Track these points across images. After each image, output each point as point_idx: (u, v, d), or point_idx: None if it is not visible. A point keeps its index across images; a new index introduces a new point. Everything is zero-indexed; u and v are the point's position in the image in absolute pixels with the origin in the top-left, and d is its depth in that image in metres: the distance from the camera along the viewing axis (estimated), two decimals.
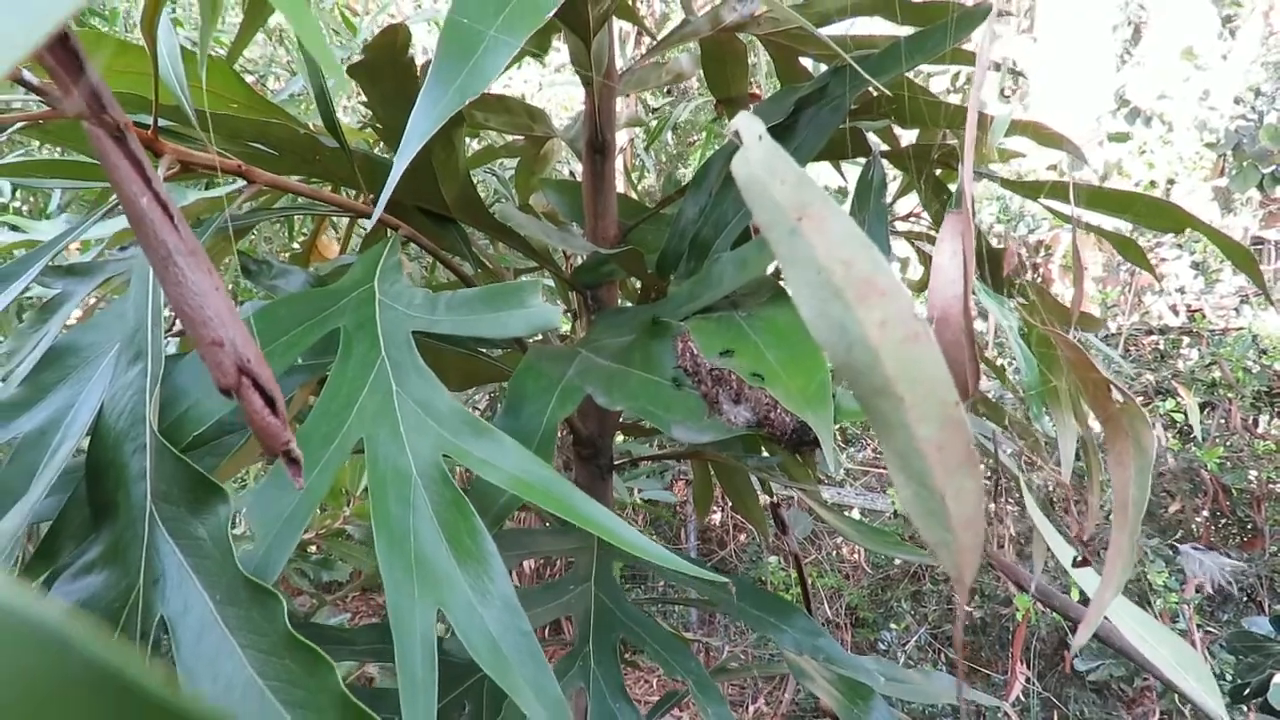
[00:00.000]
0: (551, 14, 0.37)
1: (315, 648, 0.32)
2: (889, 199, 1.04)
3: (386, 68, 0.61)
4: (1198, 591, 2.35)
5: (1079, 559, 0.49)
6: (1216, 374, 2.79)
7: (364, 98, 0.71)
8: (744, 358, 0.50)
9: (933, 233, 1.03)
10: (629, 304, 0.97)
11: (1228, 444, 2.69)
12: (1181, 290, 3.06)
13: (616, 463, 0.95)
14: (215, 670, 0.33)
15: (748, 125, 0.29)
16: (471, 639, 0.40)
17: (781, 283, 0.58)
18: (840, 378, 0.28)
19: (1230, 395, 2.75)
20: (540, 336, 0.85)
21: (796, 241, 0.27)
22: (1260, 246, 3.34)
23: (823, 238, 0.27)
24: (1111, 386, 0.44)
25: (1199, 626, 2.29)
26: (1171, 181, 3.28)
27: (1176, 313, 3.05)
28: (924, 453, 0.28)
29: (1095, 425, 0.51)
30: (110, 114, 0.29)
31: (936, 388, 0.27)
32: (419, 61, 0.64)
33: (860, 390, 0.28)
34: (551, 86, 2.95)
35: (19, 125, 0.44)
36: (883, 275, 0.27)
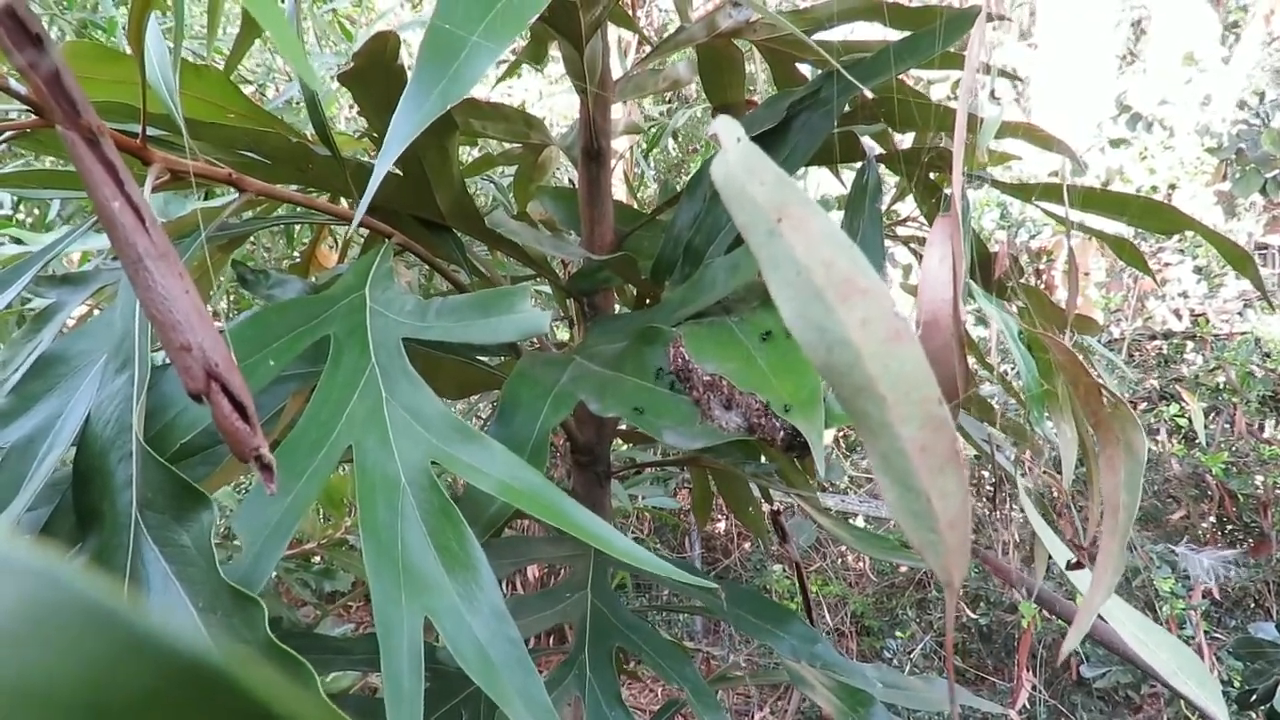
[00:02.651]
0: (535, 19, 0.36)
1: (297, 656, 0.32)
2: (886, 203, 1.03)
3: (377, 75, 0.61)
4: (1205, 597, 2.34)
5: (1073, 561, 0.49)
6: (1221, 378, 2.78)
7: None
8: (735, 362, 0.50)
9: None
10: (626, 310, 0.97)
11: (1233, 449, 2.67)
12: (1185, 295, 3.05)
13: (618, 471, 0.95)
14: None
15: (726, 128, 0.28)
16: (459, 647, 0.39)
17: None
18: (824, 380, 0.28)
19: (1235, 400, 2.74)
20: (536, 343, 0.85)
21: (775, 242, 0.27)
22: (1264, 252, 3.33)
23: (802, 237, 0.27)
24: (1103, 390, 0.44)
25: (1206, 633, 2.28)
26: (1174, 187, 3.27)
27: (1180, 317, 3.04)
28: (907, 453, 0.28)
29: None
30: (84, 118, 0.29)
31: (918, 387, 0.27)
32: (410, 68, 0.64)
33: (842, 391, 0.28)
34: (551, 96, 2.96)
35: (8, 135, 0.45)
36: (863, 274, 0.27)
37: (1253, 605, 2.64)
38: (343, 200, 0.85)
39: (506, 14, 0.37)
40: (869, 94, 0.74)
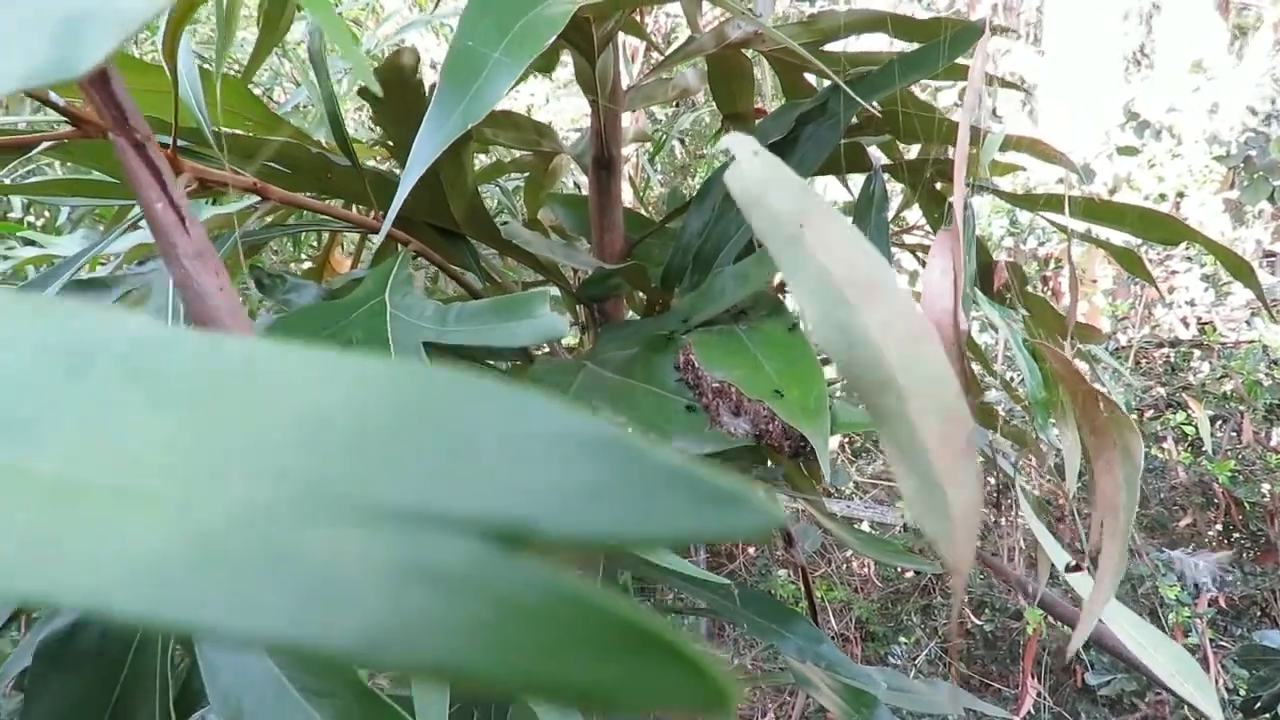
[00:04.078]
0: (555, 37, 0.38)
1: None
2: (893, 211, 1.05)
3: (395, 89, 0.63)
4: (1211, 605, 2.34)
5: (1071, 564, 0.50)
6: (1228, 387, 2.77)
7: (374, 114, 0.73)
8: (743, 370, 0.51)
9: None
10: (635, 316, 0.98)
11: (1239, 457, 2.67)
12: (1192, 303, 3.04)
13: None
14: (236, 663, 0.34)
15: (739, 142, 0.30)
16: None
17: (781, 296, 0.59)
18: (843, 378, 0.29)
19: (1242, 408, 2.73)
20: (548, 349, 0.86)
21: (797, 246, 0.28)
22: (1273, 260, 3.32)
23: (824, 242, 0.28)
24: (1100, 398, 0.45)
25: (1211, 640, 2.28)
26: (1182, 194, 3.26)
27: (1187, 325, 3.04)
28: (926, 446, 0.29)
29: None
30: (133, 124, 0.31)
31: (939, 381, 0.28)
32: (428, 81, 0.66)
33: (863, 388, 0.29)
34: (558, 100, 2.97)
35: (46, 145, 0.46)
36: (885, 277, 0.29)
37: (1258, 613, 2.64)
38: (354, 207, 0.87)
39: (526, 33, 0.38)
40: (874, 107, 0.75)
